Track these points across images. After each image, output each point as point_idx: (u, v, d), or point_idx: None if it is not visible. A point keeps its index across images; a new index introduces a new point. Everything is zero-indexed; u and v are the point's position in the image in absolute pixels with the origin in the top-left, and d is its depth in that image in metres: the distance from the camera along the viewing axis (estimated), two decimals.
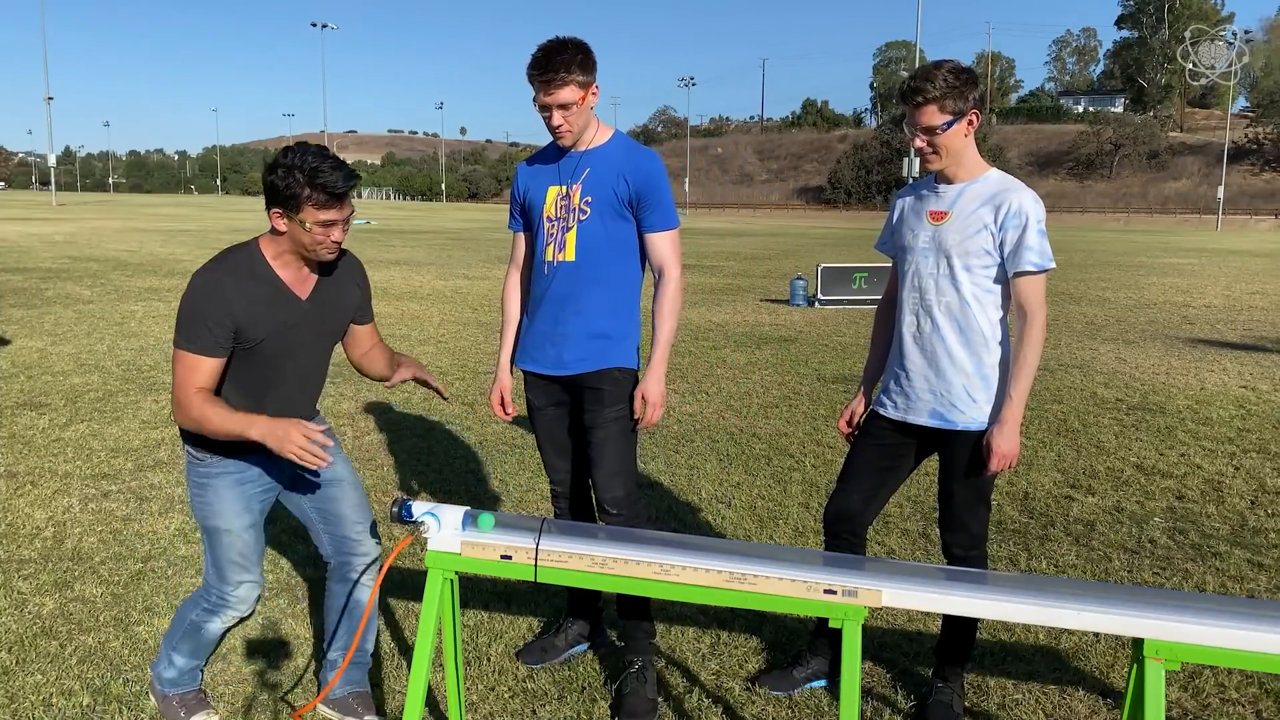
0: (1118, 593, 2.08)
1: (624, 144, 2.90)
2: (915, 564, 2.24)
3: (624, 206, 2.86)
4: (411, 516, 2.27)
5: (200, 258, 20.28)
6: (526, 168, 3.00)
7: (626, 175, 2.84)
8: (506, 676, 3.07)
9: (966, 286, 2.67)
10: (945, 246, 2.69)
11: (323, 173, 2.33)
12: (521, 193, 2.99)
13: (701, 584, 2.16)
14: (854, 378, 8.22)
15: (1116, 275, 19.95)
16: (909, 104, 2.64)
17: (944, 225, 2.70)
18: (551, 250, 2.90)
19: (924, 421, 2.76)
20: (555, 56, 2.69)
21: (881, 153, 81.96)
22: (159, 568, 3.88)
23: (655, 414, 2.92)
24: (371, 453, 5.60)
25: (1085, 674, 3.15)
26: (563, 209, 2.88)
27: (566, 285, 2.89)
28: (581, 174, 2.86)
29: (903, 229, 2.85)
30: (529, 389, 3.06)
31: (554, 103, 2.72)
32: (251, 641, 3.27)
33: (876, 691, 3.02)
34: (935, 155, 2.67)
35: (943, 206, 2.72)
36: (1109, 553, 4.22)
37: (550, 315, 2.95)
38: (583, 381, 2.94)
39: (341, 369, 8.14)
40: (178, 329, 2.38)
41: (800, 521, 4.57)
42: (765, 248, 28.99)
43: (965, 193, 2.69)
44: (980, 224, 2.64)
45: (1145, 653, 1.98)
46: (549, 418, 3.06)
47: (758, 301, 14.18)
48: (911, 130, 2.68)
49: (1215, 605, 2.02)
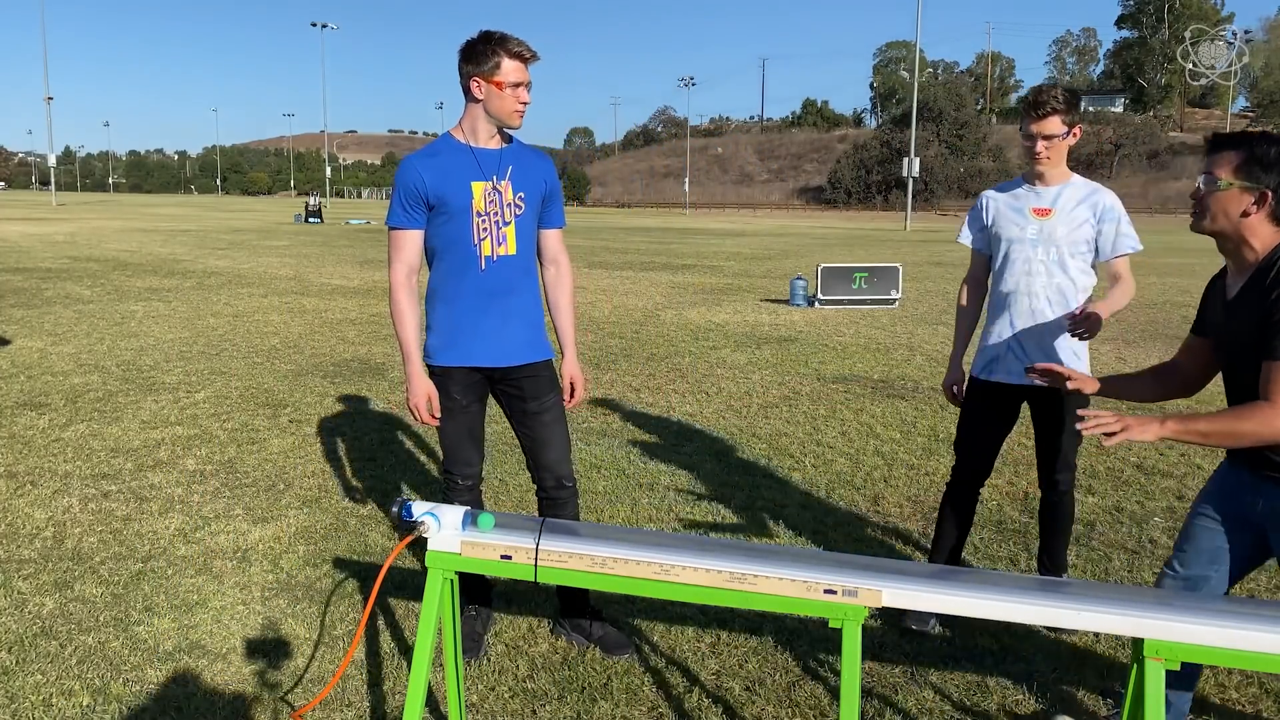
0: (1118, 593, 2.08)
1: (527, 147, 3.15)
2: (915, 563, 2.24)
3: (541, 203, 3.13)
4: (412, 516, 2.26)
5: (200, 258, 20.31)
6: (428, 162, 2.97)
7: (545, 176, 3.13)
8: (506, 676, 3.07)
9: (1072, 270, 3.27)
10: (1055, 238, 3.25)
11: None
12: (429, 188, 2.95)
13: (701, 584, 2.16)
14: (854, 378, 8.22)
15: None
16: (1035, 114, 3.18)
17: (1050, 220, 3.26)
18: (490, 245, 2.99)
19: (1038, 383, 3.26)
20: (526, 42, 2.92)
21: (881, 153, 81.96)
22: (159, 568, 3.88)
23: (582, 395, 3.28)
24: (371, 452, 5.60)
25: (1085, 674, 3.15)
26: (493, 203, 2.98)
27: (509, 277, 3.04)
28: (506, 171, 3.01)
29: (1004, 224, 3.36)
30: (452, 385, 3.09)
31: (528, 80, 2.92)
32: (251, 641, 3.27)
33: (877, 692, 3.02)
34: (1049, 159, 3.23)
35: (1045, 204, 3.28)
36: (1109, 553, 4.22)
37: (489, 308, 3.03)
38: (521, 371, 3.11)
39: (341, 369, 8.14)
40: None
41: (800, 521, 4.56)
42: (765, 248, 28.99)
43: (1064, 193, 3.28)
44: (1082, 219, 3.25)
45: (1145, 652, 1.98)
46: (470, 414, 3.16)
47: (758, 301, 14.18)
48: (1030, 136, 3.23)
49: (1215, 605, 2.02)
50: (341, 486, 4.97)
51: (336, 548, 4.13)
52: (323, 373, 8.00)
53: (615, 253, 25.14)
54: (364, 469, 5.28)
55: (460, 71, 2.94)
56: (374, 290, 14.53)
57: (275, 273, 17.29)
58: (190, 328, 10.40)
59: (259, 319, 11.20)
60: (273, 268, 18.34)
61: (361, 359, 8.68)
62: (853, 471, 5.40)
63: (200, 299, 13.05)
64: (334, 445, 5.75)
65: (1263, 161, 2.19)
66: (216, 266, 18.33)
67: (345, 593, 3.68)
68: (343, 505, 4.68)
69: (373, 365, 8.38)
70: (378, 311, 12.03)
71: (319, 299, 13.35)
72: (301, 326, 10.66)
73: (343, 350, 9.15)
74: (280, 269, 18.12)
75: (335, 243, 27.38)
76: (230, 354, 8.83)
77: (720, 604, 2.16)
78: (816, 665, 3.19)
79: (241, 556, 4.02)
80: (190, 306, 12.23)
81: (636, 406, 6.93)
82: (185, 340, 9.56)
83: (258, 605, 3.56)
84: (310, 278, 16.46)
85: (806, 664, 3.19)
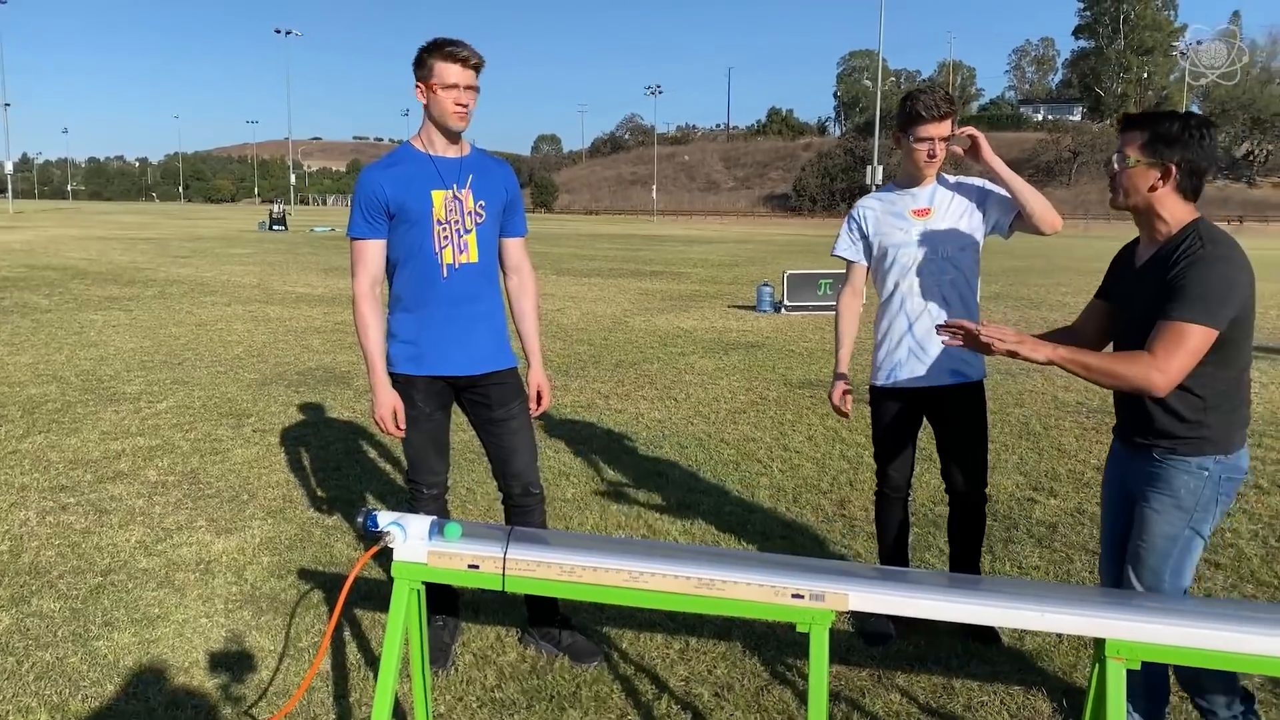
0: (1080, 594, 2.11)
1: (488, 154, 3.16)
2: (881, 567, 2.26)
3: (503, 211, 3.13)
4: (377, 526, 2.25)
5: (162, 266, 20.02)
6: (387, 172, 2.96)
7: (506, 184, 3.13)
8: (474, 686, 3.05)
9: (961, 264, 3.26)
10: (939, 235, 3.25)
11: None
12: (389, 197, 2.94)
13: (670, 590, 2.16)
14: (820, 383, 8.27)
15: (1076, 280, 20.26)
16: (930, 116, 3.13)
17: (931, 219, 3.26)
18: (451, 252, 2.99)
19: (944, 382, 3.29)
20: (467, 43, 2.91)
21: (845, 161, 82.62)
22: (119, 581, 3.82)
23: (548, 402, 3.29)
24: (336, 462, 5.54)
25: (1049, 674, 3.19)
26: (454, 211, 2.98)
27: (471, 285, 3.04)
28: (467, 179, 3.01)
29: (887, 230, 3.32)
30: (416, 394, 3.08)
31: (465, 82, 2.89)
32: (214, 654, 3.23)
33: (845, 695, 3.04)
34: (939, 160, 3.21)
35: (923, 204, 3.28)
36: (1071, 554, 4.28)
37: (451, 317, 3.02)
38: (487, 379, 3.11)
39: (305, 378, 8.06)
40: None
41: (767, 526, 4.58)
42: (732, 254, 29.12)
43: (937, 191, 3.29)
44: (964, 208, 3.26)
45: (1106, 652, 2.01)
46: (435, 423, 3.15)
47: (725, 308, 14.23)
48: (922, 140, 3.16)
49: (1173, 605, 2.06)
50: (306, 496, 4.92)
51: (301, 559, 4.08)
52: (287, 382, 7.92)
53: (583, 259, 25.13)
54: (329, 479, 5.23)
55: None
56: (339, 298, 14.41)
57: (239, 281, 17.09)
58: (152, 337, 10.25)
59: (222, 328, 11.06)
60: (236, 276, 18.13)
61: (326, 368, 8.60)
62: (819, 476, 5.43)
63: (162, 308, 12.87)
64: (299, 455, 5.69)
65: (1166, 138, 2.34)
66: (179, 275, 18.08)
67: (310, 604, 3.64)
68: (308, 515, 4.63)
69: (338, 374, 8.30)
70: (343, 319, 11.93)
71: (283, 307, 13.21)
72: (265, 335, 10.55)
73: (307, 359, 9.06)
74: (244, 277, 17.91)
75: (300, 250, 27.12)
76: (193, 363, 8.71)
77: (689, 610, 2.16)
78: (785, 669, 3.20)
79: (204, 568, 3.96)
80: (152, 315, 12.05)
81: (605, 413, 6.93)
82: (146, 349, 9.42)
83: (221, 618, 3.51)
84: (274, 286, 16.29)
85: (775, 668, 3.20)
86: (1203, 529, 2.44)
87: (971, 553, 3.49)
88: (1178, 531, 2.44)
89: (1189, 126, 2.31)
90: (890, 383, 3.36)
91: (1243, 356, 2.38)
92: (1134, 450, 2.54)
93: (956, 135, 3.18)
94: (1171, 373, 2.27)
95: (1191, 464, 2.41)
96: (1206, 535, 2.46)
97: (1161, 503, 2.44)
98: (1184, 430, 2.40)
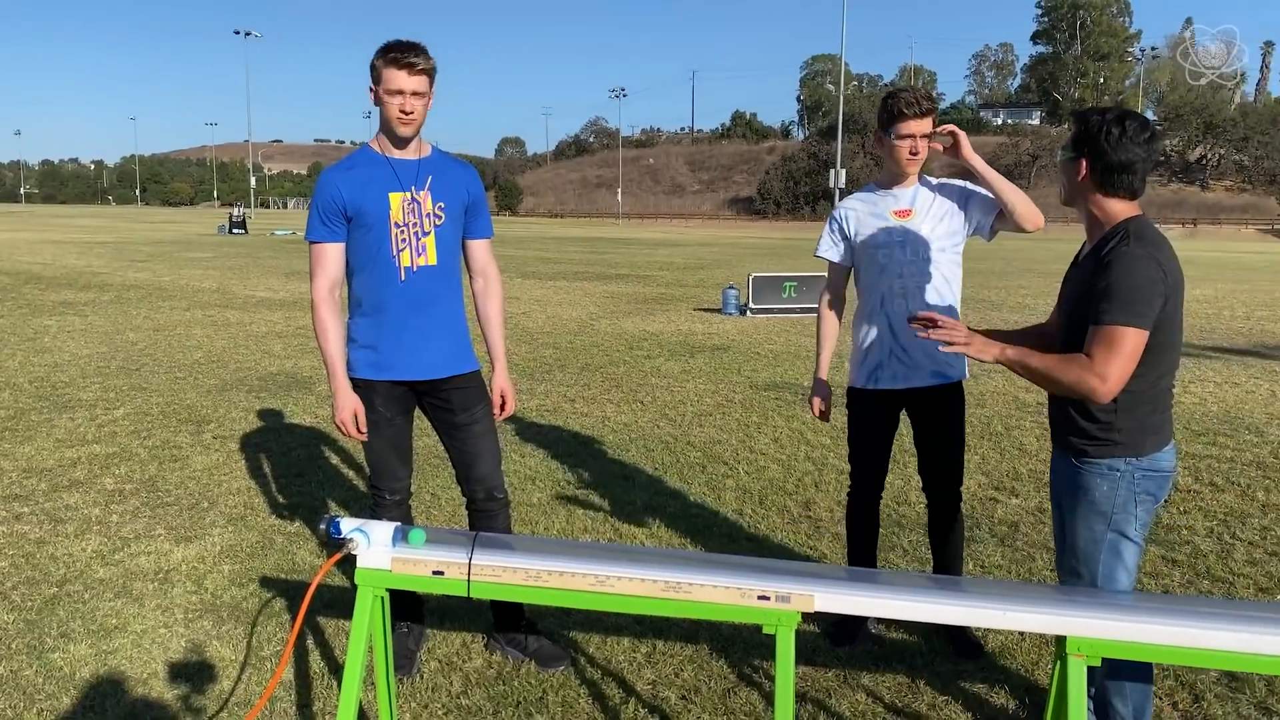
0: (1041, 592, 2.14)
1: (449, 156, 3.13)
2: (846, 568, 2.27)
3: (464, 214, 3.10)
4: (340, 533, 2.22)
5: (119, 270, 19.69)
6: (345, 175, 2.95)
7: (468, 185, 3.10)
8: (440, 693, 3.02)
9: (943, 265, 3.26)
10: (921, 236, 3.23)
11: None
12: (346, 200, 2.92)
13: (637, 594, 2.16)
14: (786, 385, 8.32)
15: (1036, 283, 20.55)
16: (911, 113, 3.11)
17: (913, 220, 3.25)
18: (409, 255, 2.96)
19: (926, 383, 3.28)
20: (418, 46, 2.88)
21: (809, 164, 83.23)
22: (75, 591, 3.74)
23: (512, 407, 3.24)
24: (298, 468, 5.48)
25: (1012, 672, 3.23)
26: (411, 214, 2.95)
27: (429, 288, 3.01)
28: (425, 181, 2.99)
29: (868, 231, 3.30)
30: (376, 399, 3.05)
31: (411, 88, 2.86)
32: (174, 665, 3.17)
33: (811, 696, 3.05)
34: (921, 158, 3.19)
35: (904, 205, 3.27)
36: (1032, 552, 4.33)
37: (410, 321, 3.00)
38: (448, 383, 3.08)
39: (266, 383, 7.96)
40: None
41: (734, 529, 4.59)
42: (697, 258, 29.20)
43: (919, 192, 3.28)
44: (945, 209, 3.26)
45: (1068, 649, 2.04)
46: (396, 427, 3.12)
47: (691, 311, 14.27)
48: (903, 137, 3.15)
49: (1133, 602, 2.09)
50: (268, 503, 4.86)
51: (263, 566, 4.03)
52: (247, 387, 7.81)
53: (548, 263, 25.07)
54: (291, 485, 5.17)
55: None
56: (300, 302, 14.25)
57: (198, 285, 16.84)
58: (108, 342, 10.07)
59: (181, 333, 10.90)
60: (195, 280, 17.87)
61: (288, 373, 8.50)
62: (785, 477, 5.45)
63: (119, 313, 12.65)
64: (259, 461, 5.62)
65: (1087, 132, 2.38)
66: (136, 279, 17.78)
67: (273, 612, 3.59)
68: (269, 523, 4.57)
69: (299, 379, 8.21)
70: (304, 324, 11.79)
71: (243, 312, 13.04)
72: (225, 340, 10.40)
73: (268, 364, 8.94)
74: (203, 281, 17.66)
75: (260, 254, 26.80)
76: (151, 369, 8.57)
77: (655, 613, 2.16)
78: (751, 671, 3.21)
79: (163, 578, 3.90)
80: (108, 320, 11.84)
81: (571, 416, 6.91)
82: (103, 355, 9.25)
83: (180, 628, 3.45)
84: (234, 290, 16.08)
85: (742, 670, 3.21)
86: (1126, 530, 2.40)
87: (955, 555, 3.46)
88: (1099, 535, 2.41)
89: (1103, 121, 2.34)
90: (871, 385, 3.33)
91: (1162, 363, 2.34)
92: (1060, 453, 2.53)
93: (937, 132, 3.19)
94: (1111, 380, 2.24)
95: (1102, 465, 2.39)
96: (1134, 537, 2.41)
97: (1080, 507, 2.44)
98: (1095, 431, 2.39)
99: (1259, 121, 78.10)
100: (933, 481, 3.39)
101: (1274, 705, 3.02)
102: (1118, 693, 2.49)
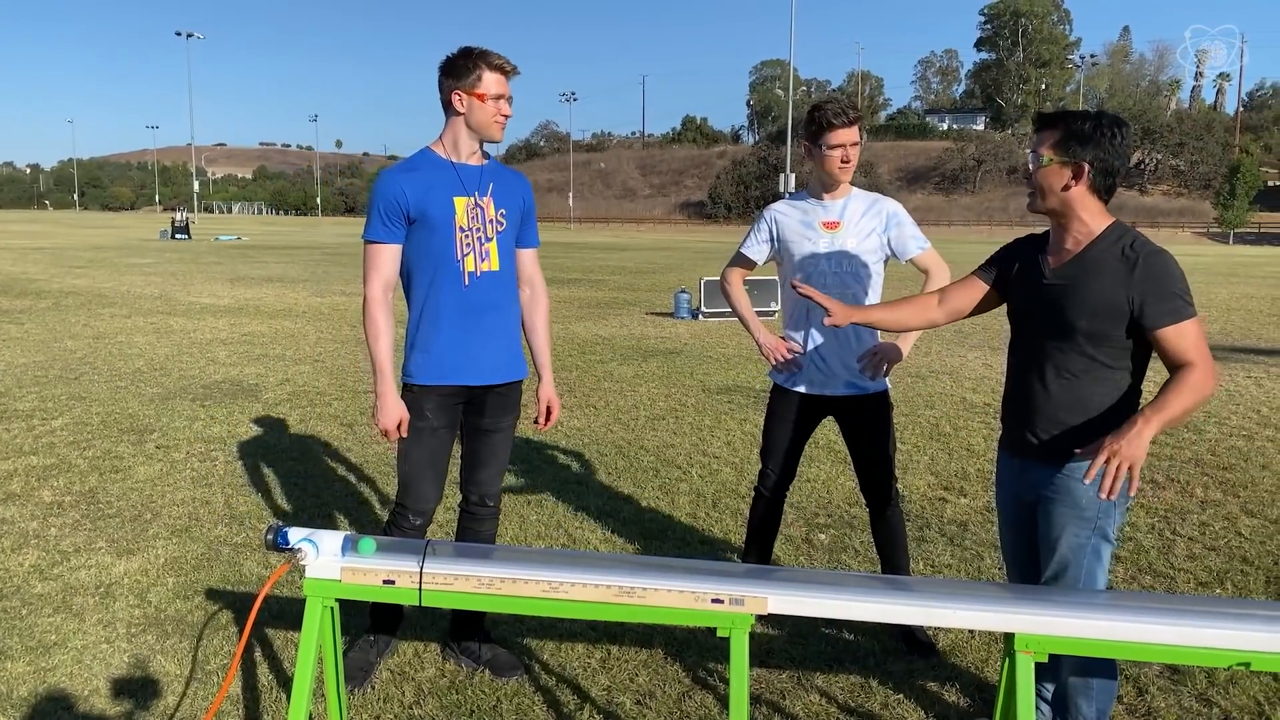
0: (990, 590, 2.17)
1: (502, 165, 3.14)
2: (800, 569, 2.28)
3: (520, 222, 3.11)
4: (288, 543, 2.18)
5: (57, 277, 19.18)
6: (408, 176, 2.90)
7: (524, 194, 3.11)
8: (392, 704, 2.98)
9: (865, 280, 3.33)
10: (846, 250, 3.30)
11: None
12: (410, 202, 2.89)
13: (590, 600, 2.15)
14: (738, 388, 8.36)
15: None
16: (840, 122, 3.18)
17: (839, 233, 3.31)
18: (473, 260, 2.94)
19: (841, 392, 3.35)
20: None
21: (759, 168, 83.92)
22: (12, 607, 3.63)
23: (557, 416, 3.26)
24: (246, 478, 5.37)
25: (962, 670, 3.27)
26: (475, 219, 2.94)
27: (493, 294, 3.00)
28: (488, 187, 2.99)
29: (795, 239, 3.35)
30: (429, 407, 2.98)
31: (509, 93, 2.92)
32: (117, 681, 3.09)
33: (765, 698, 3.06)
34: (851, 166, 3.26)
35: (833, 217, 3.33)
36: (981, 551, 4.40)
37: (473, 325, 2.97)
38: (493, 389, 3.07)
39: (211, 391, 7.81)
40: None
41: (688, 532, 4.60)
42: (649, 261, 29.24)
43: (849, 205, 3.34)
44: (870, 228, 3.32)
45: (1016, 646, 2.07)
46: (439, 439, 3.03)
47: (643, 315, 14.28)
48: (834, 146, 3.21)
49: (1078, 599, 2.13)
50: (213, 514, 4.76)
51: (209, 579, 3.94)
52: (192, 395, 7.65)
53: None
54: (237, 495, 5.07)
55: (441, 86, 2.90)
56: (246, 309, 14.00)
57: (139, 291, 16.47)
58: (46, 351, 9.80)
59: (122, 340, 10.64)
60: (137, 286, 17.47)
61: (233, 380, 8.35)
62: (738, 480, 5.48)
63: (57, 320, 12.32)
64: (205, 471, 5.50)
65: (1079, 136, 2.33)
66: (75, 286, 17.34)
67: (219, 625, 3.52)
68: (215, 534, 4.47)
69: (245, 387, 8.06)
70: (250, 331, 11.59)
71: (187, 319, 12.78)
72: (168, 347, 10.18)
73: (213, 372, 8.77)
74: (145, 288, 17.27)
75: (204, 260, 26.30)
76: (90, 378, 8.35)
77: (609, 619, 2.15)
78: (706, 675, 3.21)
79: (105, 592, 3.80)
80: (45, 328, 11.52)
81: (523, 422, 6.87)
82: (40, 364, 9.00)
83: (123, 643, 3.36)
84: (177, 296, 15.75)
85: (696, 674, 3.21)
86: (1108, 531, 2.46)
87: (902, 553, 3.50)
88: (1084, 541, 2.44)
89: (1101, 124, 2.31)
90: (791, 386, 3.41)
91: (1145, 367, 2.43)
92: (1026, 461, 2.53)
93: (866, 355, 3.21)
94: (1211, 367, 2.27)
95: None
96: (1112, 537, 2.48)
97: (1064, 515, 2.45)
98: (1090, 434, 2.41)
99: (1194, 128, 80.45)
100: (866, 483, 3.45)
101: (1214, 696, 3.09)
102: (1083, 691, 2.53)
